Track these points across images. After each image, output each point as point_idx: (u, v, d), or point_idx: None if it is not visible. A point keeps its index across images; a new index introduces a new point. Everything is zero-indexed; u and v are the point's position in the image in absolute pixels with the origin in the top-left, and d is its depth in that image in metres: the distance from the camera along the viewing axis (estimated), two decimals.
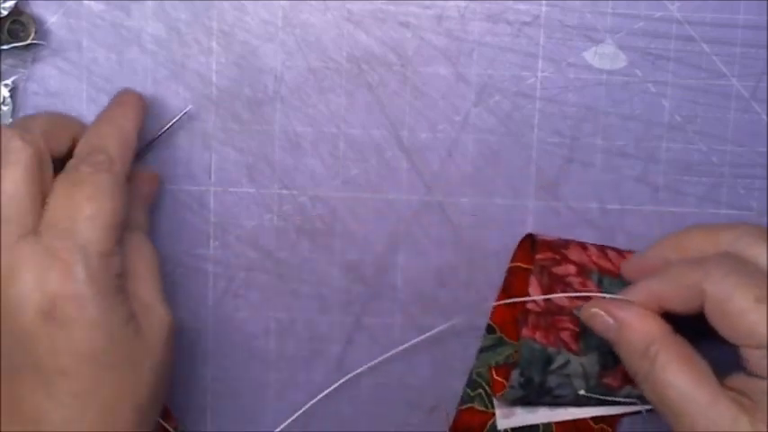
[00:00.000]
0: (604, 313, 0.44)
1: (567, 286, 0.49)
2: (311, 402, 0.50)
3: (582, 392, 0.48)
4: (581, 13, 0.50)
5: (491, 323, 0.51)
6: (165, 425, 0.51)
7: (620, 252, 0.49)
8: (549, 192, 0.51)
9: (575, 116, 0.50)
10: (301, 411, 0.50)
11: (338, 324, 0.52)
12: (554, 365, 0.48)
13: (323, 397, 0.50)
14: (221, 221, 0.51)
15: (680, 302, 0.43)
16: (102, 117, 0.46)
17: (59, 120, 0.47)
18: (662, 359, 0.42)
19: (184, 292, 0.52)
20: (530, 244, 0.50)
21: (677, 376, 0.42)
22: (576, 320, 0.48)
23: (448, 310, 0.51)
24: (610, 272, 0.49)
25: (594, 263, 0.49)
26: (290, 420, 0.50)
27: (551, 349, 0.48)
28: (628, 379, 0.46)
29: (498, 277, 0.51)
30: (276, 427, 0.50)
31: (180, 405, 0.52)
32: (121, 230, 0.43)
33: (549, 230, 0.51)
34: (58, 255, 0.41)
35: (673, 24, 0.50)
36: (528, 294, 0.48)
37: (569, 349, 0.48)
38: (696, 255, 0.44)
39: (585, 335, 0.48)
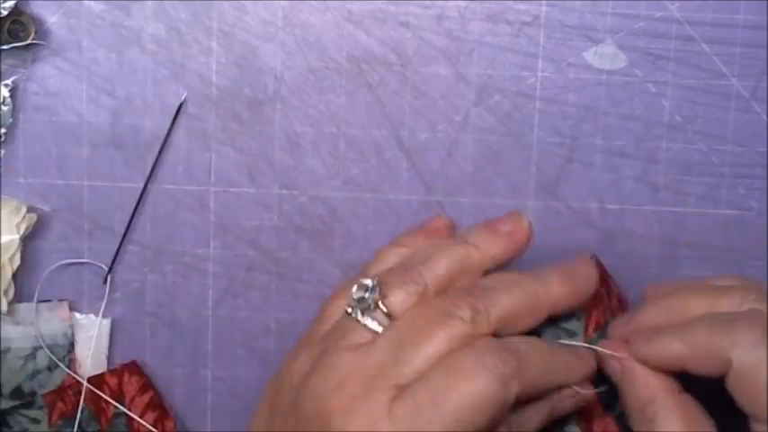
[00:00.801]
0: (615, 359, 0.42)
1: (608, 293, 0.47)
2: None
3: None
4: (581, 13, 0.50)
5: None
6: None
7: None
8: (549, 192, 0.51)
9: (575, 116, 0.50)
10: None
11: None
12: (566, 323, 0.45)
13: None
14: (221, 221, 0.51)
15: (702, 367, 0.41)
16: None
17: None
18: (662, 420, 0.41)
19: (184, 292, 0.52)
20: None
21: None
22: (604, 315, 0.46)
23: None
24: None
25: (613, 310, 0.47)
26: None
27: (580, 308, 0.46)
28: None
29: None
30: None
31: (180, 405, 0.52)
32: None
33: (549, 230, 0.51)
34: (394, 415, 0.39)
35: (673, 24, 0.50)
36: None
37: (587, 330, 0.46)
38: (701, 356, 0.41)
39: (602, 336, 0.46)
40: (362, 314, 0.41)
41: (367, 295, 0.41)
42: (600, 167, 0.51)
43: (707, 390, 0.41)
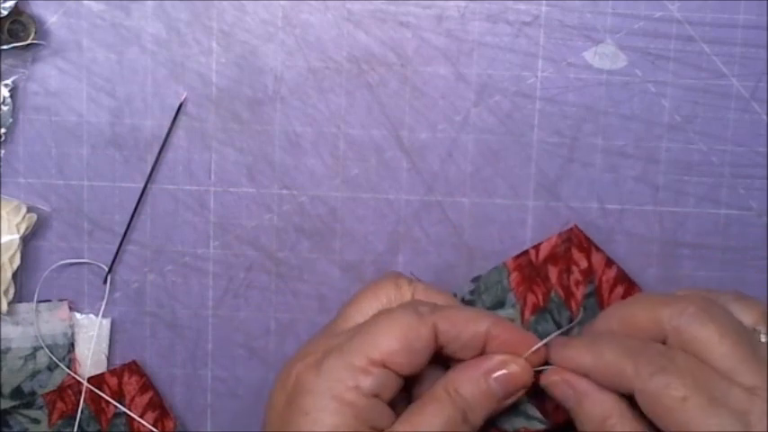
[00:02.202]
0: (564, 383, 0.44)
1: (567, 270, 0.50)
2: None
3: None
4: (581, 13, 0.50)
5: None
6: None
7: (631, 288, 0.50)
8: (549, 192, 0.51)
9: (575, 116, 0.50)
10: None
11: None
12: (504, 307, 0.49)
13: None
14: (221, 221, 0.51)
15: (608, 384, 0.43)
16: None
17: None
18: (621, 430, 0.42)
19: (184, 292, 0.52)
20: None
21: None
22: (546, 297, 0.49)
23: None
24: (601, 299, 0.49)
25: (600, 279, 0.49)
26: None
27: (511, 295, 0.49)
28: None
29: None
30: None
31: (180, 405, 0.52)
32: (384, 357, 0.43)
33: (549, 230, 0.51)
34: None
35: (673, 24, 0.50)
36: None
37: (523, 315, 0.49)
38: (639, 332, 0.44)
39: (541, 319, 0.49)
40: None
41: None
42: (600, 167, 0.51)
43: None
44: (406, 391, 0.45)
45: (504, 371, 0.44)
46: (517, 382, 0.44)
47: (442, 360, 0.45)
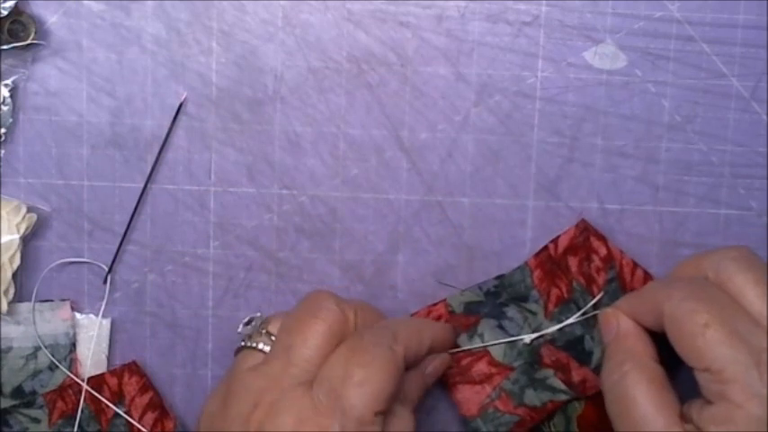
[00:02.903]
0: (614, 317, 0.47)
1: (587, 259, 0.50)
2: None
3: (526, 339, 0.50)
4: (581, 13, 0.50)
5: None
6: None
7: (646, 275, 0.50)
8: (549, 192, 0.51)
9: (575, 116, 0.50)
10: None
11: None
12: (527, 302, 0.50)
13: None
14: (221, 221, 0.51)
15: (649, 320, 0.45)
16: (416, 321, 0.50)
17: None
18: (632, 377, 0.44)
19: (184, 292, 0.52)
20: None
21: (643, 397, 0.43)
22: (569, 288, 0.50)
23: None
24: (624, 282, 0.50)
25: (620, 264, 0.50)
26: None
27: (534, 292, 0.50)
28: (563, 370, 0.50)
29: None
30: None
31: (180, 405, 0.52)
32: (387, 404, 0.44)
33: (549, 230, 0.51)
34: (319, 410, 0.43)
35: (673, 24, 0.50)
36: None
37: (546, 308, 0.50)
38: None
39: (565, 309, 0.50)
40: (251, 340, 0.48)
41: (252, 326, 0.48)
42: (600, 167, 0.51)
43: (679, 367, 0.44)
44: None
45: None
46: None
47: None
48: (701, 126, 0.50)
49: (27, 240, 0.51)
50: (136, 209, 0.51)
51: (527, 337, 0.50)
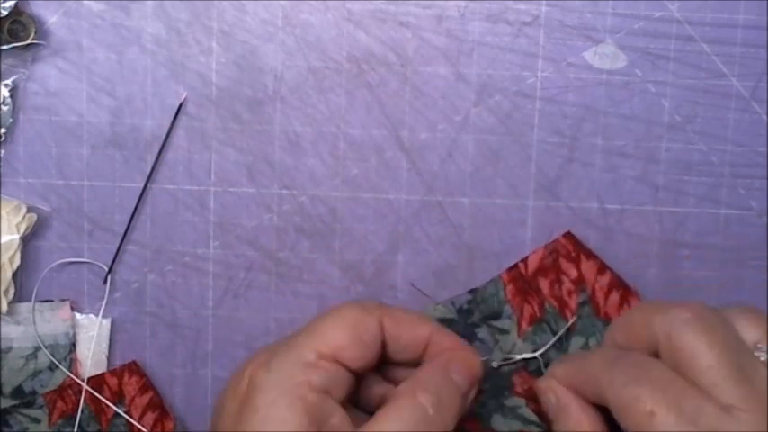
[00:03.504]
0: (551, 390, 0.45)
1: (558, 281, 0.50)
2: None
3: (493, 364, 0.50)
4: (581, 13, 0.50)
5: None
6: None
7: (627, 293, 0.50)
8: (549, 192, 0.51)
9: (575, 116, 0.50)
10: None
11: None
12: (500, 318, 0.50)
13: None
14: (221, 221, 0.51)
15: (589, 395, 0.44)
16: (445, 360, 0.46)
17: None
18: None
19: (184, 292, 0.52)
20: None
21: None
22: (541, 308, 0.50)
23: None
24: (597, 306, 0.50)
25: (593, 287, 0.50)
26: None
27: (507, 307, 0.50)
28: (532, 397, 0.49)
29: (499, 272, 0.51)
30: None
31: (180, 405, 0.52)
32: (336, 351, 0.43)
33: (549, 230, 0.51)
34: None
35: (673, 24, 0.50)
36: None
37: (519, 326, 0.50)
38: (636, 340, 0.43)
39: (538, 329, 0.50)
40: None
41: None
42: (600, 167, 0.51)
43: None
44: (357, 409, 0.46)
45: (458, 363, 0.44)
46: (473, 370, 0.45)
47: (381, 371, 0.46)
48: (701, 126, 0.50)
49: (27, 240, 0.51)
50: (136, 209, 0.51)
51: (495, 363, 0.50)
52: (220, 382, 0.52)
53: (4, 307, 0.50)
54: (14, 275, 0.50)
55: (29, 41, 0.49)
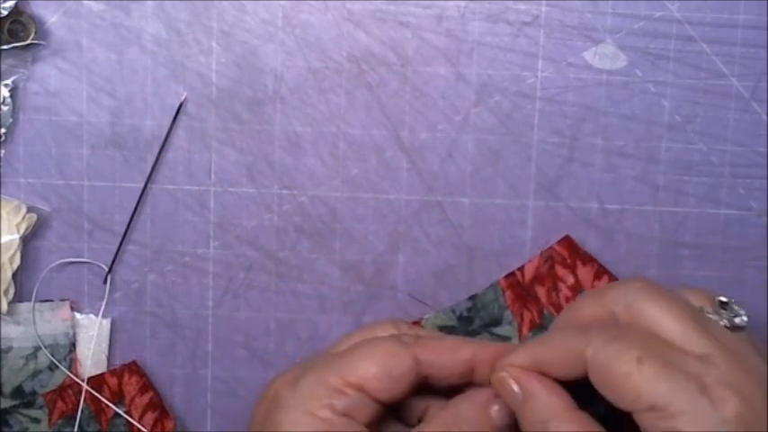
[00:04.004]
0: (513, 380, 0.43)
1: (555, 288, 0.50)
2: None
3: None
4: (581, 13, 0.50)
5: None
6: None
7: None
8: (549, 192, 0.51)
9: (575, 116, 0.50)
10: None
11: (338, 324, 0.52)
12: (501, 324, 0.50)
13: None
14: (221, 221, 0.51)
15: (562, 369, 0.42)
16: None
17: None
18: None
19: (184, 292, 0.52)
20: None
21: None
22: (540, 315, 0.50)
23: None
24: None
25: None
26: None
27: (508, 312, 0.50)
28: None
29: (498, 277, 0.51)
30: None
31: (180, 405, 0.52)
32: (368, 384, 0.42)
33: (549, 230, 0.51)
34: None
35: (673, 24, 0.50)
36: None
37: (520, 332, 0.50)
38: (588, 321, 0.43)
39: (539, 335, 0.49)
40: None
41: None
42: (600, 167, 0.51)
43: (602, 410, 0.42)
44: (397, 420, 0.45)
45: (499, 403, 0.43)
46: (514, 407, 0.43)
47: (432, 389, 0.45)
48: (701, 126, 0.50)
49: (27, 240, 0.51)
50: (136, 209, 0.51)
51: None
52: (220, 382, 0.52)
53: (4, 307, 0.50)
54: (14, 275, 0.50)
55: (29, 41, 0.49)
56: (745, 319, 0.42)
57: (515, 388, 0.42)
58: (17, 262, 0.50)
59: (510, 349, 0.43)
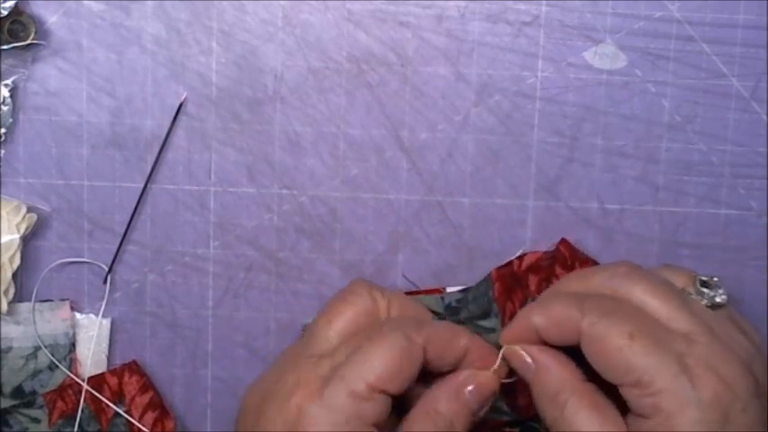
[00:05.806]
0: (525, 353, 0.45)
1: (547, 280, 0.50)
2: None
3: None
4: (581, 13, 0.50)
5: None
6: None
7: None
8: (549, 192, 0.51)
9: (575, 116, 0.50)
10: None
11: None
12: (488, 317, 0.50)
13: None
14: (221, 221, 0.51)
15: (556, 336, 0.44)
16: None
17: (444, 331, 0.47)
18: (572, 405, 0.43)
19: (184, 292, 0.52)
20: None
21: (585, 423, 0.43)
22: (522, 304, 0.50)
23: None
24: None
25: None
26: None
27: (495, 305, 0.50)
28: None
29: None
30: None
31: (180, 405, 0.52)
32: (391, 386, 0.43)
33: (549, 230, 0.51)
34: (317, 381, 0.43)
35: (673, 24, 0.50)
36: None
37: (503, 323, 0.50)
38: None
39: None
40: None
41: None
42: (600, 167, 0.51)
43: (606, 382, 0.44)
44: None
45: (473, 384, 0.45)
46: (487, 391, 0.46)
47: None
48: (701, 126, 0.50)
49: (27, 240, 0.51)
50: (136, 209, 0.51)
51: None
52: (220, 382, 0.52)
53: (4, 307, 0.50)
54: (14, 275, 0.50)
55: (29, 41, 0.49)
56: (725, 297, 0.45)
57: (529, 360, 0.45)
58: (17, 262, 0.50)
59: (492, 349, 0.46)
